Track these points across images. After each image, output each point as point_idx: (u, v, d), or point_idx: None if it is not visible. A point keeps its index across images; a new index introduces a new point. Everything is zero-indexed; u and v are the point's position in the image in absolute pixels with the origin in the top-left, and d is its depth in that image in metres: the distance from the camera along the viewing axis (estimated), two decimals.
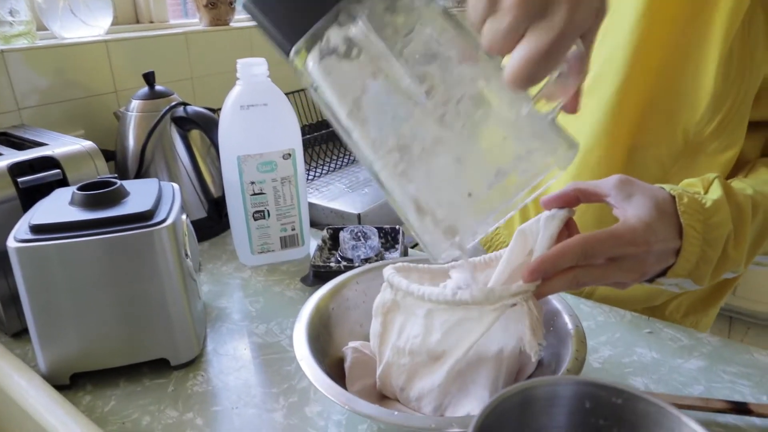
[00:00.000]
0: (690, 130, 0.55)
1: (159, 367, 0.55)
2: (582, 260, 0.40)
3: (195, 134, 0.85)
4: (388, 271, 0.47)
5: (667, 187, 0.45)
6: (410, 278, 0.47)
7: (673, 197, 0.44)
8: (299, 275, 0.74)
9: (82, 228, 0.50)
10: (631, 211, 0.42)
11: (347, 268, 0.66)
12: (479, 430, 0.24)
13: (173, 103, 0.82)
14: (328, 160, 1.15)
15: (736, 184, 0.49)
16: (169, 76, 1.04)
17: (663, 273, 0.45)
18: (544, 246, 0.41)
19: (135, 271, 0.51)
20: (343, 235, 0.74)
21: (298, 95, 1.20)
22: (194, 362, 0.57)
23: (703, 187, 0.47)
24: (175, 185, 0.60)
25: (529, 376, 0.50)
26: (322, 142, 1.11)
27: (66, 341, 0.52)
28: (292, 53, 0.33)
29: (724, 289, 0.70)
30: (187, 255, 0.55)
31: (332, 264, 0.69)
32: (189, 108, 0.82)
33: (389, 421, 0.38)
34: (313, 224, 0.83)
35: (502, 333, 0.43)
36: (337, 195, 0.99)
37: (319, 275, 0.69)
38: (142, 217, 0.51)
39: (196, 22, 1.24)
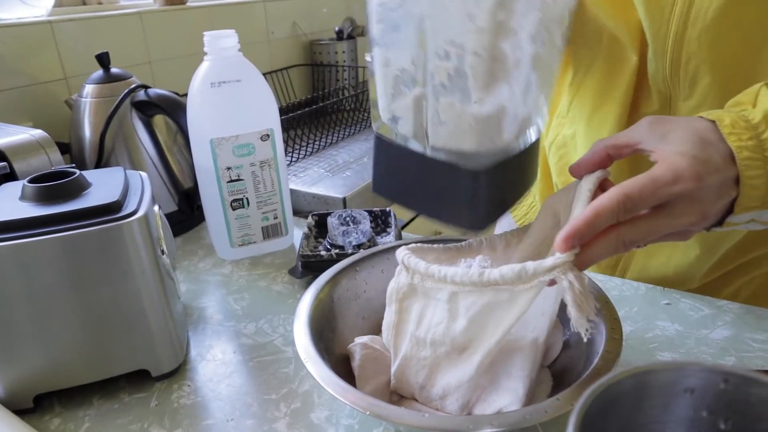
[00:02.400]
0: None
1: (138, 379, 0.49)
2: (623, 215, 0.34)
3: (159, 120, 0.77)
4: (402, 253, 0.41)
5: (704, 114, 0.39)
6: (427, 259, 0.41)
7: (713, 122, 0.38)
8: (285, 267, 0.68)
9: (37, 225, 0.42)
10: (669, 149, 0.36)
11: (340, 256, 0.60)
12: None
13: (133, 86, 0.74)
14: (304, 143, 1.08)
15: None
16: (125, 61, 0.96)
17: (730, 210, 0.38)
18: (578, 213, 0.36)
19: (103, 273, 0.45)
20: (331, 221, 0.68)
21: (271, 77, 1.13)
22: (178, 371, 0.51)
23: (750, 102, 0.40)
24: (143, 173, 0.53)
25: (556, 359, 0.46)
26: (296, 125, 1.05)
27: (26, 358, 0.45)
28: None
29: None
30: (163, 251, 0.49)
31: (322, 252, 0.64)
32: (151, 91, 0.74)
33: (421, 425, 0.33)
34: (295, 212, 0.77)
35: (539, 317, 0.38)
36: (317, 179, 0.93)
37: (308, 266, 0.63)
38: (108, 210, 0.44)
39: (149, 2, 1.14)
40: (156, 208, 0.50)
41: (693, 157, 0.35)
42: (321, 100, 1.21)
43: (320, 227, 0.71)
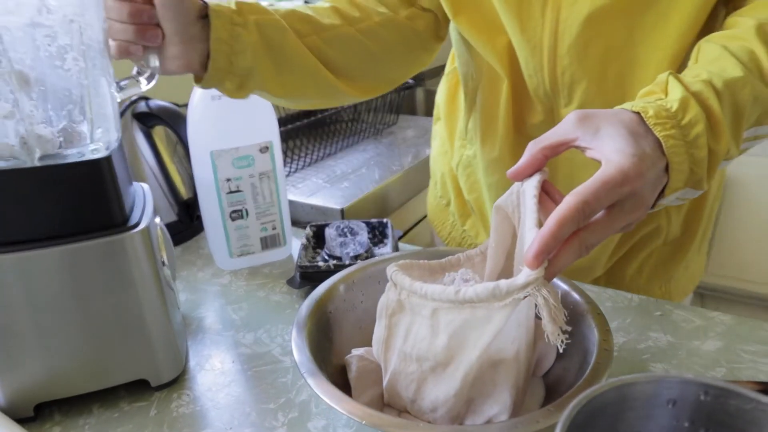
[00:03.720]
0: None
1: (138, 388, 0.50)
2: (583, 221, 0.35)
3: (159, 131, 0.78)
4: (391, 270, 0.42)
5: (627, 105, 0.41)
6: (413, 275, 0.42)
7: (638, 114, 0.40)
8: (283, 277, 0.69)
9: (40, 236, 0.43)
10: (607, 147, 0.38)
11: (338, 267, 0.61)
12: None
13: (134, 98, 0.75)
14: (302, 154, 1.09)
15: (690, 72, 0.45)
16: (125, 72, 0.96)
17: (659, 195, 0.41)
18: (533, 219, 0.37)
19: (104, 284, 0.45)
20: (329, 232, 0.69)
21: None
22: (177, 381, 0.51)
23: (661, 91, 0.42)
24: (145, 185, 0.54)
25: (550, 370, 0.47)
26: (295, 135, 1.06)
27: (28, 367, 0.45)
28: None
29: (684, 247, 0.69)
30: (163, 263, 0.50)
31: (320, 263, 0.64)
32: (151, 102, 0.75)
33: None
34: (293, 223, 0.78)
35: (516, 329, 0.39)
36: (315, 190, 0.94)
37: (306, 276, 0.64)
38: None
39: None
40: (157, 219, 0.51)
41: (633, 155, 0.37)
42: (319, 111, 1.23)
43: (318, 238, 0.72)
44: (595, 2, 0.51)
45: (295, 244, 0.75)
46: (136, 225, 0.46)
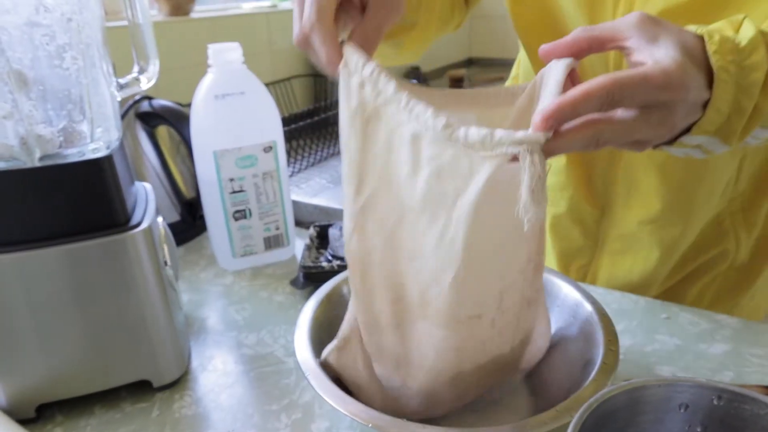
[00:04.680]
0: None
1: (140, 389, 0.49)
2: (607, 105, 0.32)
3: (162, 131, 0.78)
4: (370, 66, 0.35)
5: (692, 27, 0.37)
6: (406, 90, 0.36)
7: (701, 38, 0.36)
8: (286, 278, 0.68)
9: (41, 236, 0.43)
10: (659, 53, 0.34)
11: (341, 267, 0.61)
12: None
13: (137, 97, 0.75)
14: (306, 154, 1.09)
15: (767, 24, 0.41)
16: (126, 71, 0.96)
17: (686, 131, 0.37)
18: (553, 92, 0.33)
19: (107, 284, 0.45)
20: (333, 232, 0.69)
21: (273, 87, 1.14)
22: (179, 382, 0.51)
23: (733, 28, 0.38)
24: (147, 185, 0.54)
25: (550, 370, 0.46)
26: (299, 135, 1.05)
27: (29, 368, 0.45)
28: None
29: (752, 275, 0.65)
30: (166, 263, 0.49)
31: (324, 264, 0.64)
32: (155, 102, 0.75)
33: None
34: (296, 223, 0.78)
35: (505, 208, 0.33)
36: (318, 190, 0.93)
37: (310, 277, 0.63)
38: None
39: (153, 13, 1.16)
40: (159, 219, 0.50)
41: (683, 65, 0.33)
42: (323, 110, 1.22)
43: (322, 238, 0.72)
44: (669, 1, 0.49)
45: (299, 244, 0.75)
46: (138, 224, 0.45)
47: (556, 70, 0.35)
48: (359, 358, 0.43)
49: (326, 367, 0.42)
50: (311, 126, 1.07)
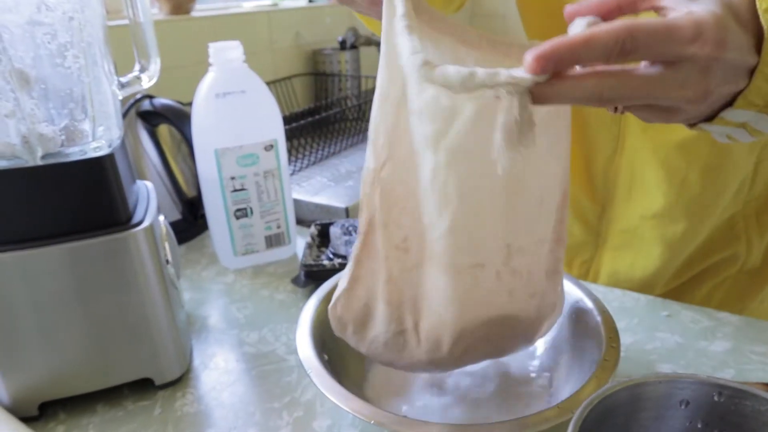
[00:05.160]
0: None
1: (142, 387, 0.49)
2: (616, 54, 0.27)
3: (163, 129, 0.78)
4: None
5: None
6: (421, 17, 0.35)
7: None
8: (288, 276, 0.68)
9: (43, 234, 0.43)
10: (697, 7, 0.29)
11: (342, 266, 0.61)
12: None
13: (138, 96, 0.75)
14: (307, 152, 1.09)
15: None
16: (127, 70, 0.97)
17: (728, 104, 0.32)
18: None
19: (108, 282, 0.45)
20: (334, 231, 0.69)
21: (274, 86, 1.14)
22: (181, 380, 0.51)
23: None
24: (149, 183, 0.54)
25: (550, 371, 0.46)
26: (300, 134, 1.05)
27: (31, 366, 0.45)
28: None
29: (763, 279, 0.63)
30: (168, 261, 0.49)
31: (325, 262, 0.64)
32: (156, 101, 0.75)
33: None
34: (298, 221, 0.78)
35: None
36: (319, 189, 0.93)
37: (311, 275, 0.64)
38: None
39: (153, 12, 1.16)
40: (161, 218, 0.50)
41: (722, 20, 0.28)
42: (324, 109, 1.22)
43: (323, 237, 0.72)
44: None
45: (300, 242, 0.75)
46: (140, 223, 0.46)
47: (576, 26, 0.30)
48: (366, 297, 0.41)
49: (334, 315, 0.41)
50: (312, 124, 1.07)
